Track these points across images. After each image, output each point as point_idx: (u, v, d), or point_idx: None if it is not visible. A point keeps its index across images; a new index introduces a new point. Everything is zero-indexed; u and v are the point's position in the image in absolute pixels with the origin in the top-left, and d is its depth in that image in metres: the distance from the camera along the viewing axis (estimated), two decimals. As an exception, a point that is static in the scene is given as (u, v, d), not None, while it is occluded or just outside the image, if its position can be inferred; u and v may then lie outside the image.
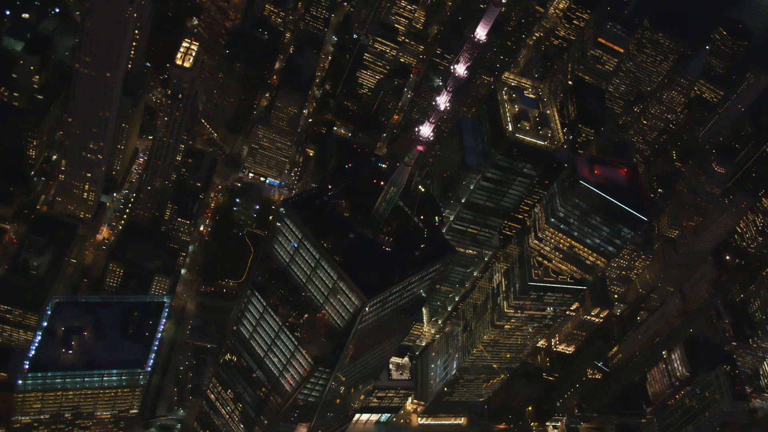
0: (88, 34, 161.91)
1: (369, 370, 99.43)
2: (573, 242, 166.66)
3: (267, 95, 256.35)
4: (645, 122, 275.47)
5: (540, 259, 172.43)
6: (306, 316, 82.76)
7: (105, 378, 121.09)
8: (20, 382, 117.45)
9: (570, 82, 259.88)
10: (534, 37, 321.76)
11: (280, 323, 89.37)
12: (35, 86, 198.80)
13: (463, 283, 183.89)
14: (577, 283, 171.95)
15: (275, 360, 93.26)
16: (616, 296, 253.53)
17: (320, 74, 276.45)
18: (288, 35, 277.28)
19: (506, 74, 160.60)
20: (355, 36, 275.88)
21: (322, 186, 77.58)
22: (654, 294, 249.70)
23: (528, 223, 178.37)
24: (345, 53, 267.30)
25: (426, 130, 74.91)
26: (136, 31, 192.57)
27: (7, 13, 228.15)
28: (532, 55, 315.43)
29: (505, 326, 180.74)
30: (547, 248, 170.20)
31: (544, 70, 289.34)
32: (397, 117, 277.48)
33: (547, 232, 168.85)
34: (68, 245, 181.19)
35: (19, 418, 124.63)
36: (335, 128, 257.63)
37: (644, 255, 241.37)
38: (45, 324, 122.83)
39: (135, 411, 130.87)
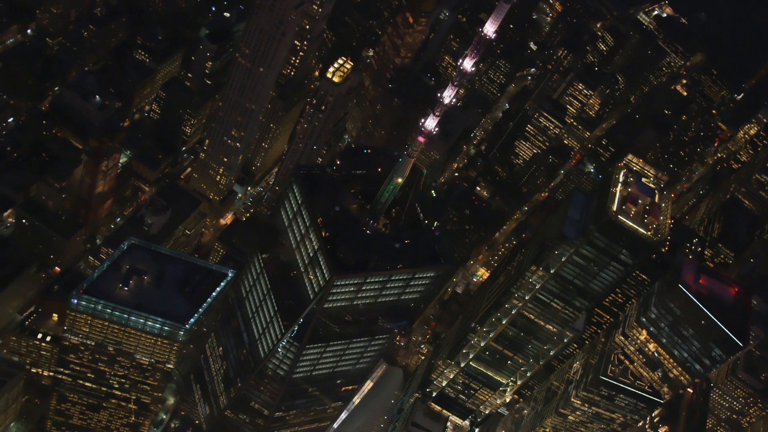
0: (252, 27, 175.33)
1: (345, 367, 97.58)
2: (659, 349, 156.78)
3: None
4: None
5: (622, 357, 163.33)
6: (287, 280, 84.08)
7: (148, 322, 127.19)
8: (74, 301, 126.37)
9: (725, 201, 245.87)
10: (716, 157, 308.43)
11: (269, 286, 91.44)
12: (207, 71, 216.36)
13: (538, 360, 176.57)
14: (654, 394, 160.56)
15: (258, 323, 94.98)
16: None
17: (480, 135, 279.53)
18: (462, 91, 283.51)
19: (630, 156, 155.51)
20: (526, 108, 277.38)
21: (332, 160, 79.52)
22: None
23: (620, 317, 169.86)
24: (509, 120, 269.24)
25: (430, 123, 75.41)
26: (305, 42, 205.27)
27: (212, 9, 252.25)
28: (706, 173, 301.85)
29: (569, 416, 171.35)
30: (632, 348, 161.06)
31: (710, 188, 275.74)
32: (545, 194, 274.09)
33: (635, 331, 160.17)
34: (186, 216, 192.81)
35: (69, 336, 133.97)
36: (477, 188, 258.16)
37: (762, 403, 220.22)
38: (115, 258, 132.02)
39: (171, 366, 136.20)
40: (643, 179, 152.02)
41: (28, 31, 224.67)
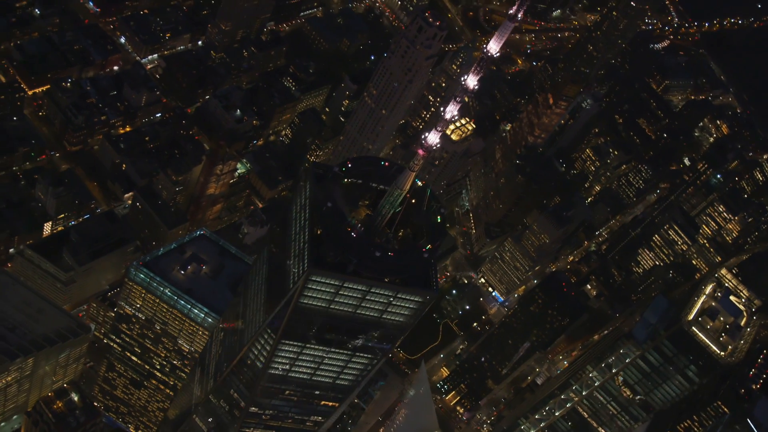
0: (382, 69, 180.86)
1: (323, 378, 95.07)
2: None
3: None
4: None
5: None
6: (280, 272, 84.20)
7: (194, 309, 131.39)
8: (133, 271, 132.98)
9: None
10: None
11: (267, 274, 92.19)
12: (342, 108, 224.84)
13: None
14: None
15: (250, 311, 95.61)
16: None
17: (606, 234, 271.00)
18: (597, 187, 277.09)
19: (724, 271, 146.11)
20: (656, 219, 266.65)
21: (344, 162, 79.97)
22: None
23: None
24: (637, 225, 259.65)
25: (433, 138, 74.59)
26: (437, 99, 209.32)
27: (372, 57, 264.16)
28: None
29: None
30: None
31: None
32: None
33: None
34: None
35: (124, 305, 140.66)
36: (588, 285, 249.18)
37: None
38: (182, 242, 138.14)
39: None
40: (732, 297, 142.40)
41: (199, 42, 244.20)
